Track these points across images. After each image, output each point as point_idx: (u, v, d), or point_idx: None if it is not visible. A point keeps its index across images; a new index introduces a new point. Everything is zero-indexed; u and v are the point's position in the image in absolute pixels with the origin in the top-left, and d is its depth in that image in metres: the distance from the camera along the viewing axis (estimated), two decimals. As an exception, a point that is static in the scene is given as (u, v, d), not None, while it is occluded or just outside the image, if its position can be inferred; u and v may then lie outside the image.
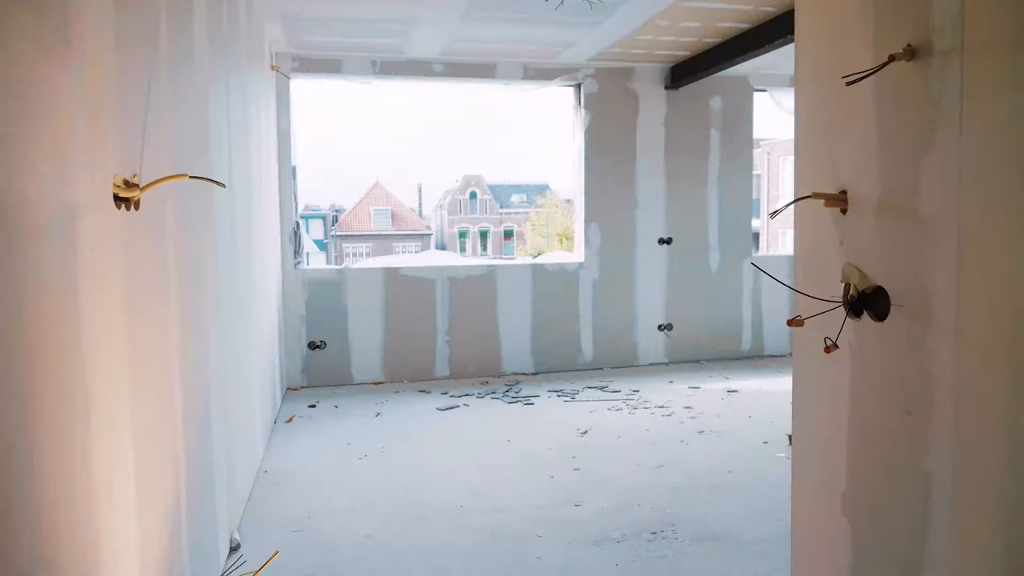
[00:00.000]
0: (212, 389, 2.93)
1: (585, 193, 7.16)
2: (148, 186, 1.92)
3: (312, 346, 6.60)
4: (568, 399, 6.08)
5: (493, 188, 61.11)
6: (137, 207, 1.88)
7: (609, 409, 5.73)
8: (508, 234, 59.36)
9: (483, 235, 59.30)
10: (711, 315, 7.50)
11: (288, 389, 6.49)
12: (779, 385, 6.43)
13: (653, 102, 7.22)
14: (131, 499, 1.81)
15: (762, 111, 7.73)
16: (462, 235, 59.14)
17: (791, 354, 7.45)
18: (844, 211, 1.98)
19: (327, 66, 6.56)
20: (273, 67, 6.14)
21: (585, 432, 5.11)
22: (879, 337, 1.88)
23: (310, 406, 5.92)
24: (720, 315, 7.53)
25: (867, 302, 1.90)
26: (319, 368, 6.63)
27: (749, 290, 7.59)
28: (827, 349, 1.98)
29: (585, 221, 7.17)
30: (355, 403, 6.03)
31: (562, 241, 47.20)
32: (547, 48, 6.44)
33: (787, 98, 7.66)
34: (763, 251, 24.12)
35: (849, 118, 1.96)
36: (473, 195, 59.53)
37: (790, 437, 4.77)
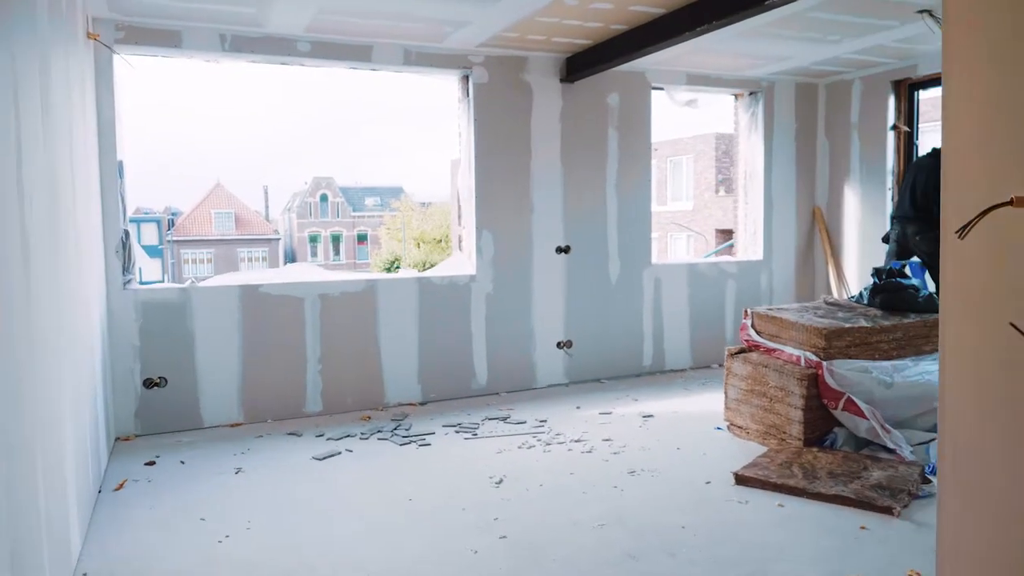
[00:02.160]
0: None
1: (476, 196, 6.35)
2: None
3: (149, 384, 5.32)
4: (469, 435, 5.23)
5: (345, 191, 58.98)
6: None
7: (520, 447, 4.94)
8: (362, 238, 57.46)
9: (335, 240, 57.04)
10: (611, 330, 6.92)
11: (117, 440, 5.18)
12: (692, 406, 5.93)
13: (548, 96, 6.53)
14: None
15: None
16: (313, 240, 56.57)
17: (691, 368, 7.00)
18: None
19: (163, 38, 5.31)
20: (90, 35, 4.85)
21: (500, 481, 4.29)
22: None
23: (147, 463, 4.69)
24: (621, 330, 6.97)
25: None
26: (158, 411, 5.36)
27: (650, 301, 7.09)
28: None
29: (477, 228, 6.35)
30: (208, 455, 4.85)
31: (419, 245, 46.18)
32: (434, 28, 5.56)
33: (685, 93, 7.26)
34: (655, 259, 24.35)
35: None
36: (324, 198, 57.12)
37: (736, 476, 4.20)
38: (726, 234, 26.70)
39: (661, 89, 7.15)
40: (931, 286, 6.22)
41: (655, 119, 7.03)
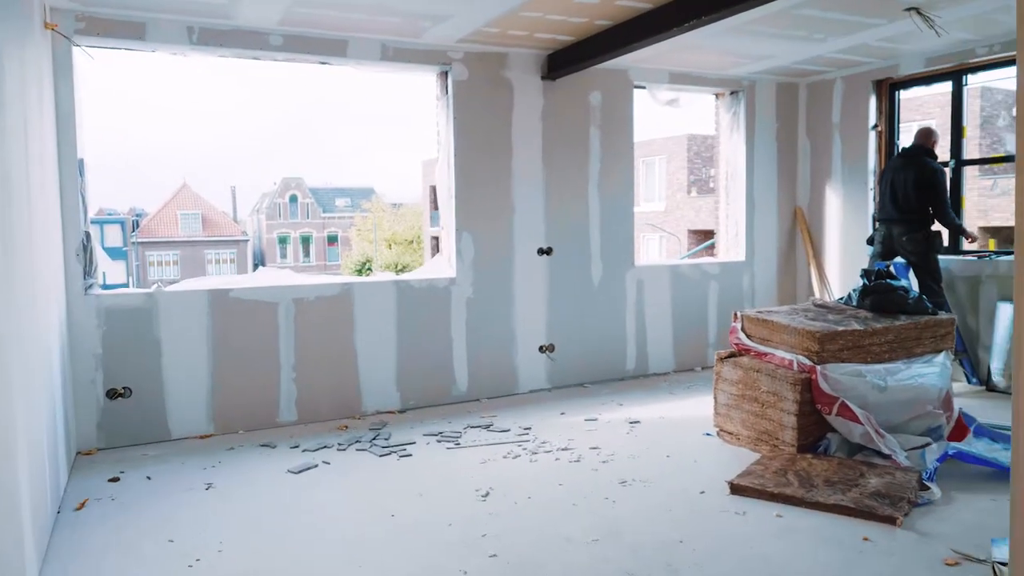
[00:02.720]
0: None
1: (455, 197, 6.15)
2: None
3: (112, 394, 5.04)
4: (451, 444, 5.03)
5: (315, 191, 58.30)
6: None
7: (505, 456, 4.76)
8: (332, 240, 56.82)
9: (305, 241, 56.34)
10: (594, 333, 6.77)
11: (78, 454, 4.89)
12: (679, 411, 5.80)
13: (529, 94, 6.36)
14: None
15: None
16: (282, 241, 55.82)
17: (675, 371, 6.87)
18: None
19: (126, 30, 5.04)
20: (47, 25, 4.57)
21: (487, 494, 4.10)
22: None
23: (111, 480, 4.41)
24: (604, 332, 6.82)
25: None
26: (122, 423, 5.08)
27: (633, 304, 6.96)
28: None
29: (457, 230, 6.16)
30: (176, 470, 4.59)
31: (390, 246, 45.76)
32: (412, 22, 5.36)
33: (667, 92, 7.14)
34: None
35: None
36: (293, 199, 56.38)
37: (731, 485, 4.07)
38: (699, 235, 26.79)
39: (643, 88, 7.02)
40: (915, 286, 6.17)
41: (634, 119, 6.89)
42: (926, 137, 6.36)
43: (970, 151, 18.13)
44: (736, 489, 4.03)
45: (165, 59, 5.36)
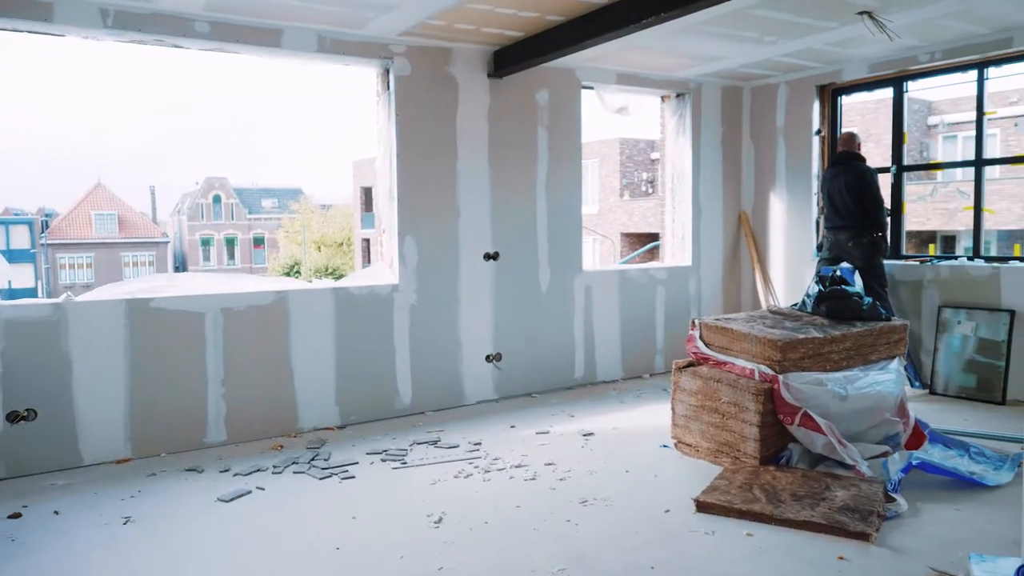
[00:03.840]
0: None
1: (398, 199, 5.81)
2: None
3: (14, 418, 4.50)
4: (397, 464, 4.70)
5: (240, 192, 56.50)
6: None
7: (456, 476, 4.46)
8: (259, 242, 55.15)
9: (230, 243, 54.51)
10: (542, 341, 6.54)
11: (-26, 486, 4.35)
12: (632, 421, 5.62)
13: (475, 92, 6.08)
14: None
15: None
16: (205, 243, 53.85)
17: (623, 379, 6.70)
18: None
19: (29, 9, 4.51)
20: (-66, 1, 4.03)
21: (439, 520, 3.79)
22: None
23: (11, 516, 3.90)
24: (552, 340, 6.60)
25: None
26: (26, 449, 4.54)
27: (581, 310, 6.76)
28: None
29: (399, 234, 5.82)
30: (88, 502, 4.11)
31: (320, 248, 44.67)
32: (354, 12, 5.01)
33: (616, 98, 6.98)
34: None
35: None
36: (217, 199, 54.48)
37: (696, 503, 3.88)
38: (632, 238, 27.03)
39: (591, 88, 6.84)
40: (860, 288, 6.17)
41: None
42: (850, 141, 6.41)
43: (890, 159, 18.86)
44: (702, 506, 3.84)
45: (77, 44, 4.81)
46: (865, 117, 20.73)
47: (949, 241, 21.19)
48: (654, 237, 25.69)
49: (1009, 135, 20.70)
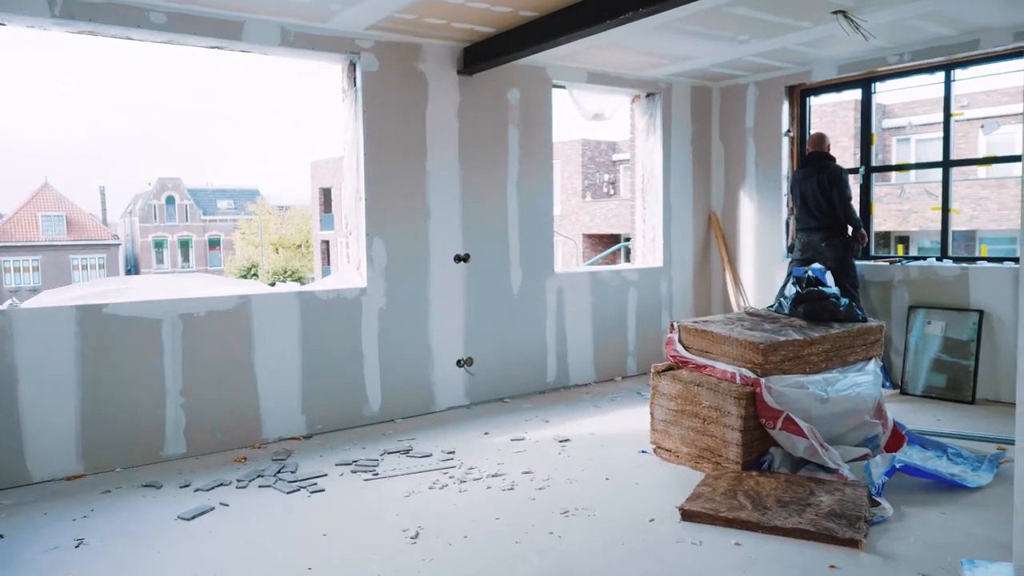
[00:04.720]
0: None
1: (365, 200, 5.61)
2: None
3: (-46, 433, 4.20)
4: (369, 475, 4.51)
5: (195, 192, 55.20)
6: None
7: (431, 487, 4.28)
8: (214, 244, 53.94)
9: (184, 245, 53.22)
10: (515, 344, 6.40)
11: (-91, 508, 4.03)
12: (608, 426, 5.51)
13: (445, 89, 5.91)
14: None
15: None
16: (158, 245, 52.48)
17: (595, 382, 6.60)
18: None
19: (-31, -4, 4.22)
20: None
21: (416, 535, 3.62)
22: None
23: (-48, 541, 3.62)
24: (524, 343, 6.46)
25: None
26: (-32, 467, 4.24)
27: (553, 313, 6.64)
28: None
29: (367, 235, 5.62)
30: (37, 523, 3.84)
31: (278, 250, 43.87)
32: (319, 4, 4.80)
33: (593, 104, 6.88)
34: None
35: None
36: (170, 200, 53.15)
37: (681, 511, 3.78)
38: (594, 239, 27.08)
39: (563, 87, 6.73)
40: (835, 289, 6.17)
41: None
42: (820, 142, 6.42)
43: (846, 160, 19.12)
44: (688, 515, 3.74)
45: (21, 34, 4.51)
46: (823, 120, 21.06)
47: (903, 242, 21.66)
48: (616, 239, 25.80)
49: (959, 138, 21.24)
